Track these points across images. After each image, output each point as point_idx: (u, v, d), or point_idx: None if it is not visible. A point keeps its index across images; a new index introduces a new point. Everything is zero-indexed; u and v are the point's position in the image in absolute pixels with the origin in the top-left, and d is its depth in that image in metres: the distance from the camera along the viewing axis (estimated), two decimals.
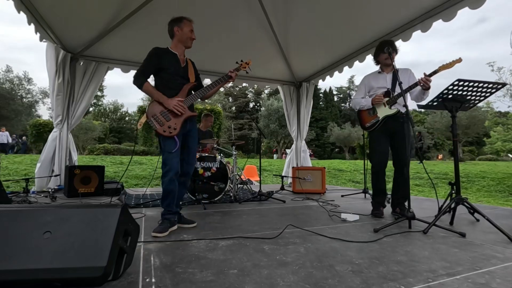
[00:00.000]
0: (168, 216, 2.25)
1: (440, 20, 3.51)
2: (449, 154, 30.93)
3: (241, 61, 2.59)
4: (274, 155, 29.58)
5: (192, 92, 2.43)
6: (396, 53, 2.86)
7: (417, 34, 3.89)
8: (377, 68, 3.09)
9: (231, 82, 2.56)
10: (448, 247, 1.86)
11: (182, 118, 2.29)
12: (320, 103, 42.33)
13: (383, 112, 2.85)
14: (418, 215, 2.40)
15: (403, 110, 2.73)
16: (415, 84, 2.67)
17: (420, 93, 2.77)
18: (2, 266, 1.12)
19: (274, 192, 4.55)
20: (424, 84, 2.59)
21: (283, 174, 6.08)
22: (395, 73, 2.82)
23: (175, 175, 2.23)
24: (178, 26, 2.37)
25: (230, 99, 43.91)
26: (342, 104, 45.81)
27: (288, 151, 6.53)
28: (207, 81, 2.59)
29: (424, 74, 2.64)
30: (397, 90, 2.85)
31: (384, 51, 2.85)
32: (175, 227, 2.28)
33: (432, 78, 2.62)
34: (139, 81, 2.25)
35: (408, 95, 2.84)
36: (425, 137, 28.73)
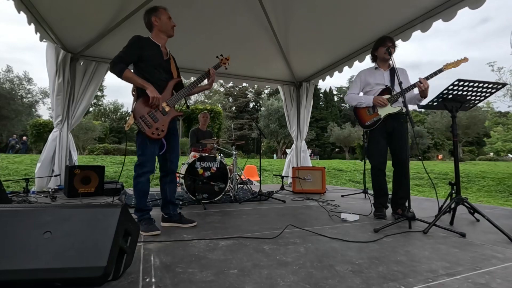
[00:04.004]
0: (149, 215, 2.26)
1: (440, 20, 3.51)
2: (449, 154, 30.94)
3: (221, 55, 2.55)
4: (274, 156, 29.60)
5: (174, 91, 2.37)
6: (395, 49, 2.80)
7: (419, 34, 3.89)
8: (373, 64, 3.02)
9: (211, 86, 2.54)
10: (448, 247, 1.86)
11: (169, 118, 2.24)
12: (320, 103, 42.38)
13: (385, 110, 2.78)
14: (418, 215, 2.40)
15: (403, 108, 2.70)
16: (408, 88, 2.65)
17: (415, 98, 2.75)
18: (2, 266, 1.12)
19: (274, 192, 4.55)
20: (420, 86, 2.56)
21: (283, 174, 6.08)
22: (394, 71, 2.80)
23: (150, 175, 2.25)
24: (155, 16, 2.29)
25: (230, 99, 43.92)
26: (342, 104, 45.81)
27: (288, 151, 6.54)
28: (205, 82, 2.58)
29: (420, 78, 2.60)
30: (396, 87, 2.82)
31: (383, 45, 2.81)
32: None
33: (434, 77, 2.60)
34: (118, 67, 2.09)
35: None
36: (424, 137, 28.71)
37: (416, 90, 2.71)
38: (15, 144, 18.60)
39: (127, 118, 2.37)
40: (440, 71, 2.56)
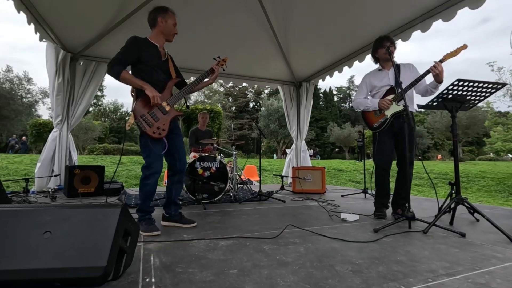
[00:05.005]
0: (150, 215, 2.26)
1: (440, 20, 3.51)
2: (449, 154, 30.95)
3: (218, 57, 2.54)
4: (274, 156, 29.57)
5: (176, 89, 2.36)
6: (395, 48, 2.76)
7: (420, 34, 3.89)
8: (376, 66, 3.01)
9: (214, 81, 2.50)
10: (448, 247, 1.86)
11: (170, 117, 2.24)
12: (320, 103, 42.38)
13: (390, 110, 2.77)
14: (418, 215, 2.40)
15: (410, 107, 2.67)
16: (421, 77, 2.61)
17: (430, 86, 2.69)
18: (2, 266, 1.12)
19: (274, 192, 4.55)
20: (434, 70, 2.48)
21: (283, 174, 6.08)
22: (396, 68, 2.79)
23: (158, 176, 2.24)
24: (162, 17, 2.26)
25: (230, 99, 43.92)
26: (342, 104, 45.86)
27: (288, 151, 6.54)
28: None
29: (434, 62, 2.52)
30: (402, 85, 2.80)
31: (382, 46, 2.80)
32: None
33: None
34: (115, 69, 2.07)
35: (413, 90, 2.79)
36: (424, 137, 28.68)
37: (428, 80, 2.67)
38: (15, 144, 18.59)
39: (127, 118, 2.36)
40: (441, 61, 2.49)
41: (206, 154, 3.90)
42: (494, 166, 15.37)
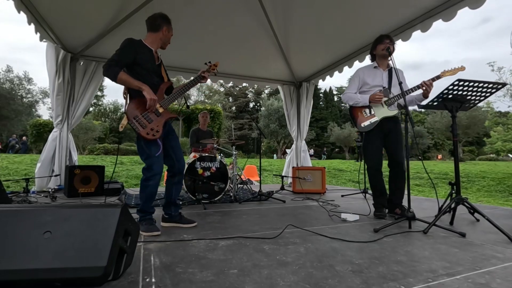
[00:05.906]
0: (151, 216, 2.27)
1: (440, 20, 3.51)
2: (449, 154, 30.96)
3: (209, 62, 2.56)
4: (274, 156, 29.55)
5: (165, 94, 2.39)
6: (394, 49, 2.76)
7: (420, 34, 3.89)
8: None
9: (204, 82, 2.56)
10: (448, 247, 1.86)
11: (163, 119, 2.24)
12: (320, 103, 42.38)
13: (381, 113, 2.79)
14: (418, 215, 2.40)
15: (397, 111, 2.73)
16: (411, 90, 2.66)
17: (415, 99, 2.75)
18: (2, 266, 1.12)
19: (274, 192, 4.55)
20: (427, 87, 2.58)
21: (283, 174, 6.08)
22: (392, 71, 2.81)
23: (159, 178, 2.24)
24: (167, 27, 2.33)
25: (230, 99, 43.92)
26: (342, 104, 45.80)
27: (288, 151, 6.54)
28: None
29: (425, 81, 2.62)
30: (393, 89, 2.83)
31: (382, 42, 2.81)
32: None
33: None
34: (112, 71, 2.06)
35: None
36: (424, 137, 28.64)
37: (416, 92, 2.71)
38: (15, 144, 18.59)
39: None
40: (438, 77, 2.62)
41: (206, 154, 3.90)
42: (494, 166, 15.37)
